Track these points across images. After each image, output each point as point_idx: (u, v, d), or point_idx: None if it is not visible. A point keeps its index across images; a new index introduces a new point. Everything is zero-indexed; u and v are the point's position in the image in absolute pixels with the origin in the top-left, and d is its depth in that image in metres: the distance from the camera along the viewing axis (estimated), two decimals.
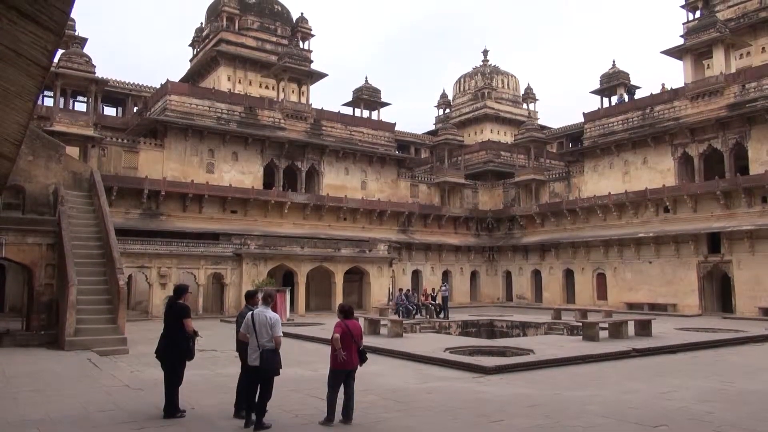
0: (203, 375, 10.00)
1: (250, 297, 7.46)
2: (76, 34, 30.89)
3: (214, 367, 10.87)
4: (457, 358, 11.85)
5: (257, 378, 6.71)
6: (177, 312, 7.22)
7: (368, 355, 7.19)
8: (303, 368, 10.86)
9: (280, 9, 43.48)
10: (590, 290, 32.98)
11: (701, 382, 9.76)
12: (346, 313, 6.98)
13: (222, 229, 28.75)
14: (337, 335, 6.76)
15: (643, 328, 15.95)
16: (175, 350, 7.16)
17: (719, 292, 28.66)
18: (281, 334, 6.74)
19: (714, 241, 28.15)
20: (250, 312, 6.90)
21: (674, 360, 12.45)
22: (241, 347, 7.14)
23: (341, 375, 6.79)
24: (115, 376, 10.04)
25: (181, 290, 7.47)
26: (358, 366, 6.95)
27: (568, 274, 34.56)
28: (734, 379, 10.07)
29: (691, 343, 14.47)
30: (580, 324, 16.48)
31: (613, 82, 36.03)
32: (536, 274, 36.56)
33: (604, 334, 15.19)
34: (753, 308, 25.80)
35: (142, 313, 24.35)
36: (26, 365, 11.14)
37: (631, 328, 15.77)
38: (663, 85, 33.24)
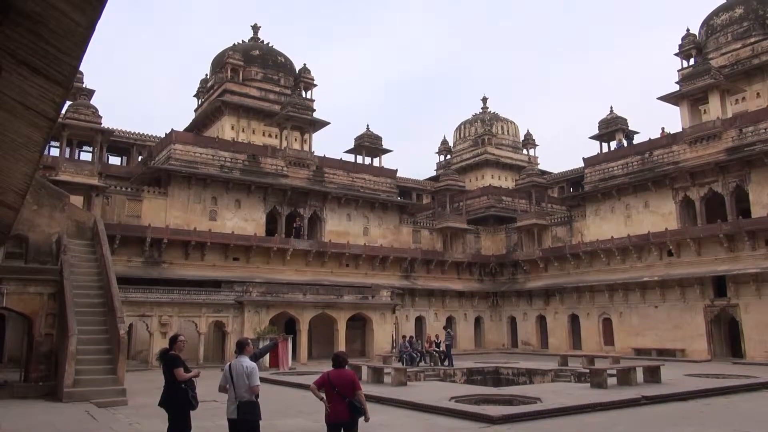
0: (204, 426, 9.76)
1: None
2: (84, 86, 31.63)
3: (215, 418, 10.62)
4: (462, 408, 11.59)
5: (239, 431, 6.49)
6: (166, 363, 7.22)
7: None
8: (305, 419, 10.62)
9: (283, 60, 44.57)
10: (596, 336, 32.52)
11: (715, 430, 9.49)
12: (334, 362, 6.72)
13: (224, 277, 28.63)
14: (313, 386, 6.63)
15: (652, 375, 15.66)
16: (175, 401, 7.07)
17: (728, 336, 28.21)
18: (258, 383, 6.48)
19: (720, 284, 27.90)
20: (228, 363, 6.80)
21: (686, 408, 12.15)
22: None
23: (331, 427, 6.54)
24: (114, 429, 9.81)
25: (172, 340, 7.48)
26: (353, 420, 6.43)
27: (574, 319, 34.15)
28: (749, 427, 9.80)
29: (702, 389, 14.16)
30: (588, 371, 16.16)
31: (612, 127, 36.46)
32: (541, 320, 36.14)
33: (612, 381, 14.90)
34: (763, 353, 25.36)
35: (142, 363, 23.98)
36: (24, 418, 10.91)
37: (639, 375, 15.48)
38: (663, 129, 33.57)
